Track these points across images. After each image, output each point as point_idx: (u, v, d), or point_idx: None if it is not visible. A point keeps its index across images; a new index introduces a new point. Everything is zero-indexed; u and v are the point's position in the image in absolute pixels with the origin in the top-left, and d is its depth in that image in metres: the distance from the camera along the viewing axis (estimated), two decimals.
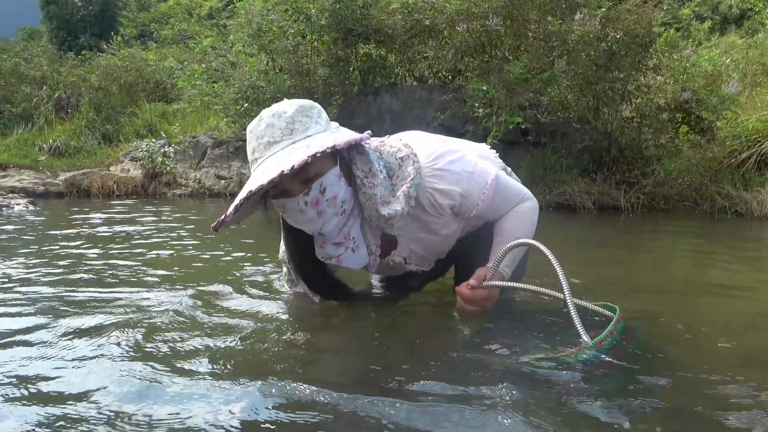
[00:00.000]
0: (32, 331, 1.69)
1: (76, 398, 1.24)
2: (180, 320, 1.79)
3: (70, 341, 1.60)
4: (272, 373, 1.37)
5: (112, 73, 10.86)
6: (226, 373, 1.36)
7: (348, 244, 1.67)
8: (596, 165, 6.33)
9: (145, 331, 1.66)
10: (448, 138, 1.83)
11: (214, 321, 1.79)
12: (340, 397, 1.22)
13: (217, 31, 14.83)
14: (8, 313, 1.91)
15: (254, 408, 1.19)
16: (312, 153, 1.40)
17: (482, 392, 1.25)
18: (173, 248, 3.32)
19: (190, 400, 1.23)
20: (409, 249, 1.79)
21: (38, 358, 1.47)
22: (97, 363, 1.43)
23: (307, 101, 1.59)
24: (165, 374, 1.35)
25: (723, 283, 2.58)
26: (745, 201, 5.47)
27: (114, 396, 1.24)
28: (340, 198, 1.57)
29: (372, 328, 1.77)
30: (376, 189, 1.58)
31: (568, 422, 1.13)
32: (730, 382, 1.35)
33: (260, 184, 1.42)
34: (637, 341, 1.55)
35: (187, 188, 7.91)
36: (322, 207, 1.55)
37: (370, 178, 1.59)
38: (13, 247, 3.36)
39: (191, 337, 1.62)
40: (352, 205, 1.63)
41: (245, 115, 7.31)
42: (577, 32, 5.48)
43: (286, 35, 6.94)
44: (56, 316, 1.85)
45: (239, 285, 2.27)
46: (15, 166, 8.73)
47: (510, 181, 1.80)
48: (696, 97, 5.92)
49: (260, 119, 1.54)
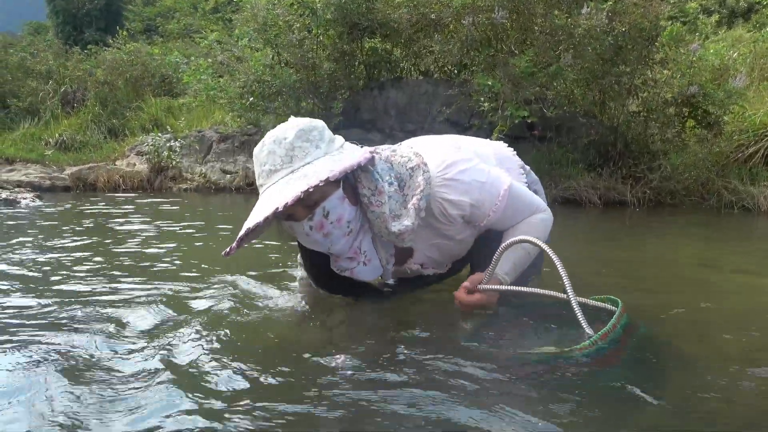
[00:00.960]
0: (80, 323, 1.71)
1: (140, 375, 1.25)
2: (183, 312, 1.80)
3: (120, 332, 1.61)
4: (274, 364, 1.38)
5: (117, 67, 10.86)
6: (235, 366, 1.37)
7: (360, 259, 1.68)
8: (602, 159, 6.30)
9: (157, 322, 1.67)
10: (462, 143, 1.80)
11: (223, 313, 1.80)
12: (340, 393, 1.22)
13: (223, 25, 14.83)
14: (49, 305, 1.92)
15: (257, 401, 1.20)
16: (305, 189, 1.41)
17: (483, 386, 1.25)
18: (201, 241, 3.33)
19: (180, 391, 1.24)
20: (426, 255, 1.79)
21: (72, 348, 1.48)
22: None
23: (308, 123, 1.56)
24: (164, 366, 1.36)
25: (729, 278, 2.57)
26: (752, 196, 5.45)
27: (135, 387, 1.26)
28: (345, 219, 1.58)
29: (375, 321, 1.77)
30: (384, 207, 1.57)
31: (570, 416, 1.13)
32: (736, 376, 1.35)
33: (256, 222, 1.45)
34: (640, 335, 1.54)
35: (192, 183, 7.92)
36: (328, 229, 1.56)
37: (377, 196, 1.58)
38: (49, 239, 3.38)
39: (191, 328, 1.63)
40: (359, 223, 1.64)
41: (251, 110, 7.31)
42: (584, 26, 5.44)
43: (291, 29, 6.93)
44: (93, 308, 1.87)
45: (254, 278, 2.29)
46: (21, 160, 8.76)
47: (524, 192, 1.76)
48: (703, 92, 5.89)
49: (263, 144, 1.54)
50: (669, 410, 1.17)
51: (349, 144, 1.63)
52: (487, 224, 1.69)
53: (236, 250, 1.54)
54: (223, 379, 1.30)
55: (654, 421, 1.12)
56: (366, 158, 1.52)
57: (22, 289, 2.18)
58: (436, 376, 1.31)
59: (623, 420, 1.11)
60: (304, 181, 1.44)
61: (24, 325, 1.71)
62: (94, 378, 1.31)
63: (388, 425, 1.10)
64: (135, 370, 1.36)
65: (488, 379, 1.29)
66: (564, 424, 1.10)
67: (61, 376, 1.32)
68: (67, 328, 1.67)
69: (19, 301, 1.99)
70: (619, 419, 1.12)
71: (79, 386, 1.27)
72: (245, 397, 1.22)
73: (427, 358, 1.42)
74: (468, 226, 1.72)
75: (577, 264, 1.60)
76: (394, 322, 1.78)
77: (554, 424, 1.09)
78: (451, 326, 1.71)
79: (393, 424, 1.10)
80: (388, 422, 1.11)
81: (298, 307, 1.90)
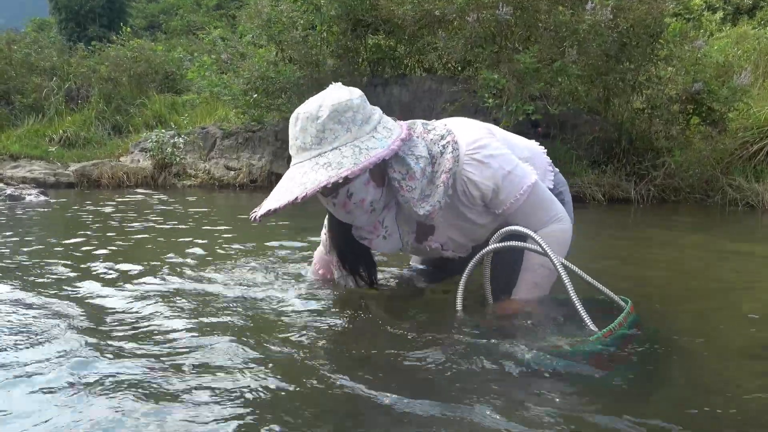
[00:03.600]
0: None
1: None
2: (186, 304, 1.81)
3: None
4: (276, 356, 1.39)
5: (121, 64, 10.88)
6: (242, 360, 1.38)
7: (380, 233, 1.70)
8: (606, 157, 6.30)
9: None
10: (495, 130, 1.79)
11: (230, 305, 1.80)
12: (339, 388, 1.22)
13: (226, 21, 14.84)
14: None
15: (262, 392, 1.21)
16: (325, 182, 1.43)
17: (486, 384, 1.25)
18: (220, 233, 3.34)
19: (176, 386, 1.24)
20: (446, 236, 1.79)
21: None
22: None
23: (345, 102, 1.53)
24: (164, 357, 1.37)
25: (734, 276, 2.57)
26: (757, 193, 5.44)
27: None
28: (368, 201, 1.60)
29: (376, 314, 1.77)
30: (414, 192, 1.58)
31: (573, 414, 1.13)
32: (742, 375, 1.35)
33: (275, 208, 1.49)
34: (646, 334, 1.54)
35: (196, 179, 7.93)
36: (350, 208, 1.60)
37: (408, 181, 1.58)
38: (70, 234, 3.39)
39: (184, 322, 1.64)
40: (383, 203, 1.65)
41: (254, 106, 7.32)
42: (588, 22, 5.44)
43: (295, 26, 6.93)
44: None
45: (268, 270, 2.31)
46: (26, 156, 8.79)
47: (548, 195, 1.74)
48: (707, 89, 5.88)
49: (297, 118, 1.55)
50: (674, 408, 1.18)
51: (385, 121, 1.60)
52: (505, 214, 1.69)
53: (259, 221, 1.57)
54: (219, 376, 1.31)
55: (659, 418, 1.12)
56: (393, 150, 1.51)
57: (34, 282, 2.19)
58: (437, 371, 1.31)
59: (628, 419, 1.11)
60: (326, 172, 1.45)
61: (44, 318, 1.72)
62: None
63: (384, 423, 1.10)
64: (152, 357, 1.37)
65: (489, 376, 1.29)
66: (566, 421, 1.10)
67: (78, 378, 1.32)
68: (90, 329, 1.68)
69: (32, 299, 2.00)
70: (622, 418, 1.11)
71: (101, 390, 1.28)
72: (244, 389, 1.23)
73: (428, 354, 1.42)
74: (488, 213, 1.71)
75: (581, 261, 1.60)
76: (395, 313, 1.76)
77: (554, 421, 1.09)
78: (454, 321, 1.70)
79: (392, 422, 1.10)
80: (385, 420, 1.11)
81: (305, 299, 1.90)
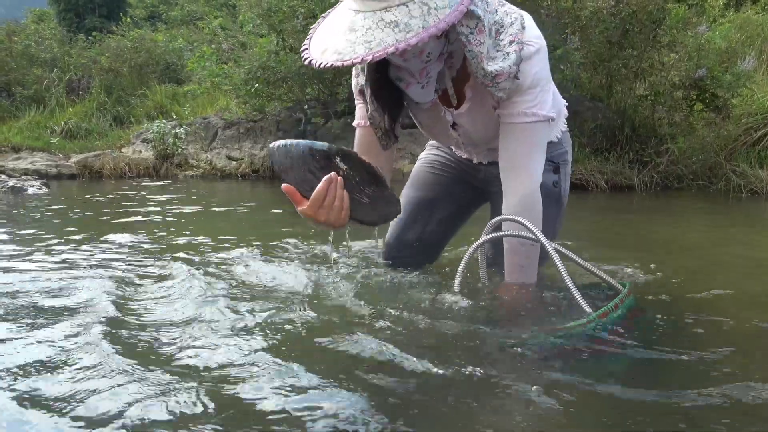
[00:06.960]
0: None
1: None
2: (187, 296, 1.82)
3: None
4: (275, 348, 1.39)
5: (122, 54, 10.84)
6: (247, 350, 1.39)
7: (421, 80, 1.62)
8: (609, 144, 6.27)
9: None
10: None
11: (233, 293, 1.81)
12: (338, 383, 1.22)
13: (227, 11, 14.73)
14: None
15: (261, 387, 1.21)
16: (392, 49, 1.31)
17: (481, 368, 1.24)
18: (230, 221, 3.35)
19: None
20: (466, 116, 1.75)
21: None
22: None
23: None
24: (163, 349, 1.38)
25: (737, 262, 2.57)
26: (761, 179, 5.43)
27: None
28: (427, 52, 1.52)
29: (374, 297, 1.76)
30: (482, 47, 1.51)
31: (569, 400, 1.13)
32: (744, 360, 1.35)
33: (339, 65, 1.36)
34: (646, 319, 1.54)
35: (198, 169, 7.93)
36: (407, 57, 1.52)
37: (477, 35, 1.51)
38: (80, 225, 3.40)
39: (186, 310, 1.65)
40: (437, 53, 1.56)
41: (256, 96, 7.30)
42: (590, 8, 5.40)
43: (296, 15, 6.89)
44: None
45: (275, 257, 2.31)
46: (28, 148, 8.78)
47: (543, 147, 1.69)
48: (711, 75, 5.85)
49: None
50: (675, 390, 1.17)
51: None
52: (501, 107, 1.65)
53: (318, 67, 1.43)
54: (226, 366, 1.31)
55: (657, 408, 1.12)
56: (462, 12, 1.39)
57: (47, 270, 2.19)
58: (431, 357, 1.31)
59: (623, 404, 1.11)
60: (393, 35, 1.34)
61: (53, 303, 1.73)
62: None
63: (384, 420, 1.10)
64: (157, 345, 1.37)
65: (484, 361, 1.28)
66: (563, 412, 1.09)
67: (89, 363, 1.33)
68: (99, 313, 1.68)
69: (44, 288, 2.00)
70: (618, 404, 1.11)
71: (117, 373, 1.28)
72: (249, 380, 1.23)
73: (422, 340, 1.42)
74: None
75: (583, 248, 1.59)
76: (389, 300, 1.74)
77: (554, 411, 1.09)
78: (447, 305, 1.67)
79: (389, 419, 1.11)
80: (386, 416, 1.11)
81: (305, 285, 1.90)
